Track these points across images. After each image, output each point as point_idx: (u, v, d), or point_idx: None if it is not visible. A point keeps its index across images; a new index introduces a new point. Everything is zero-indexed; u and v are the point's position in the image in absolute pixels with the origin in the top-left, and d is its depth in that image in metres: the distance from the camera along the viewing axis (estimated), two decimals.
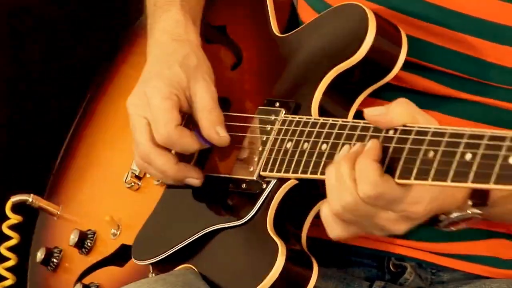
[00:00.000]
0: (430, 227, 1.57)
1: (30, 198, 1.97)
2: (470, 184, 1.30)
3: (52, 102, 2.47)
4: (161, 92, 1.72)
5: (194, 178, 1.72)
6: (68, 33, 2.68)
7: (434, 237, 1.70)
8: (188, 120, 1.76)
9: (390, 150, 1.44)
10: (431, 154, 1.38)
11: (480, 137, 1.33)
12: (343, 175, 1.42)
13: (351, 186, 1.41)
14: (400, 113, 1.43)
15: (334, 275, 1.75)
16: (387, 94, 1.66)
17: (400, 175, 1.39)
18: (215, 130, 1.69)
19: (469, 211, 1.50)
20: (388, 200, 1.39)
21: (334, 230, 1.46)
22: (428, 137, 1.42)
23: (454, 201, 1.50)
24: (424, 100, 1.65)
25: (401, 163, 1.40)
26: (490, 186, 1.26)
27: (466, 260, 1.75)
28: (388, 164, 1.42)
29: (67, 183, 2.10)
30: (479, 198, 1.52)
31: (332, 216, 1.45)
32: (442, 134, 1.41)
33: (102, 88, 2.11)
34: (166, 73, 1.75)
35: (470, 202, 1.49)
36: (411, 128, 1.42)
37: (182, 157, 1.75)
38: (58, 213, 2.00)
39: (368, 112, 1.48)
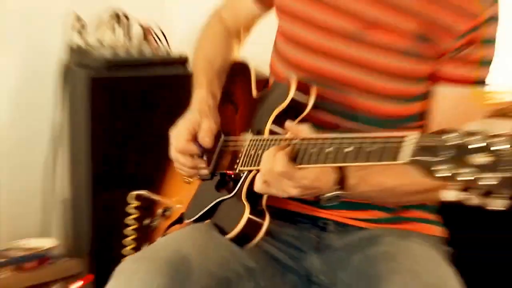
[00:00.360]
0: (339, 204, 2.04)
1: (143, 192, 2.51)
2: (333, 164, 1.84)
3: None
4: (183, 123, 2.23)
5: (203, 172, 2.24)
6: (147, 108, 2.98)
7: (340, 207, 2.13)
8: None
9: (294, 148, 1.92)
10: (314, 150, 1.86)
11: (334, 138, 1.82)
12: (270, 157, 1.90)
13: (272, 163, 1.88)
14: (302, 130, 1.96)
15: (290, 227, 2.24)
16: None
17: (298, 163, 1.88)
18: (204, 139, 2.19)
19: (333, 193, 1.95)
20: (291, 176, 1.89)
21: (258, 185, 1.97)
22: (312, 142, 1.88)
23: (328, 186, 1.95)
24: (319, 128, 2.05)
25: (299, 156, 1.89)
26: (351, 165, 1.81)
27: (356, 219, 2.21)
28: (294, 155, 1.91)
29: (164, 183, 2.57)
30: (340, 182, 1.95)
31: (259, 177, 1.95)
32: (320, 139, 1.87)
33: None
34: (189, 116, 2.24)
35: (336, 187, 1.95)
36: (311, 140, 1.90)
37: (201, 161, 2.26)
38: (159, 199, 2.49)
39: (288, 124, 2.02)
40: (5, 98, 3.10)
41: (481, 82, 2.13)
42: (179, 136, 2.21)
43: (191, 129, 2.20)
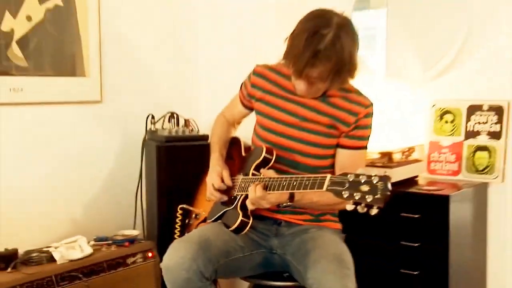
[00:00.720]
0: (291, 212, 2.08)
1: (185, 205, 2.43)
2: (286, 191, 1.85)
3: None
4: (214, 173, 2.16)
5: (223, 198, 2.15)
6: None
7: (288, 213, 2.12)
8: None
9: (267, 183, 1.92)
10: (276, 183, 1.88)
11: (295, 178, 1.83)
12: (252, 188, 1.90)
13: (254, 192, 1.90)
14: (270, 173, 1.97)
15: (262, 223, 2.16)
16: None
17: (268, 190, 1.89)
18: (228, 182, 2.14)
19: (286, 203, 1.95)
20: (263, 198, 1.90)
21: (249, 205, 1.96)
22: (275, 180, 1.90)
23: (284, 200, 1.93)
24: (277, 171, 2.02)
25: (268, 187, 1.90)
26: (296, 191, 1.85)
27: (297, 219, 2.15)
28: (265, 186, 1.91)
29: (195, 200, 2.45)
30: (290, 199, 1.93)
31: (248, 200, 1.95)
32: (279, 178, 1.90)
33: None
34: (215, 169, 2.17)
35: (287, 201, 1.94)
36: (273, 178, 1.92)
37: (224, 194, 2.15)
38: (193, 209, 2.40)
39: (262, 170, 2.01)
40: (119, 155, 3.15)
41: (362, 148, 2.13)
42: (215, 180, 2.15)
43: (219, 176, 2.16)
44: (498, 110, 2.79)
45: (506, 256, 2.83)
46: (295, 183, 1.81)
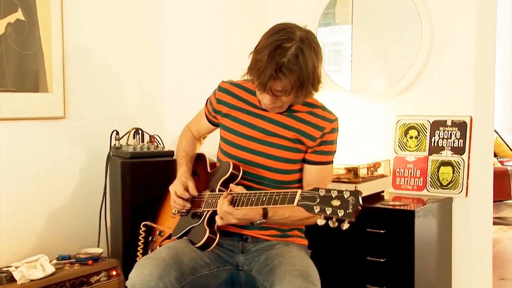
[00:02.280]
0: (257, 227, 2.03)
1: (148, 222, 2.43)
2: (259, 207, 1.85)
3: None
4: (179, 182, 2.15)
5: (187, 207, 2.14)
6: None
7: (254, 228, 2.09)
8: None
9: (234, 198, 1.91)
10: (244, 199, 1.87)
11: (264, 194, 1.84)
12: (220, 203, 1.90)
13: (221, 206, 1.90)
14: (239, 189, 1.96)
15: (228, 239, 2.14)
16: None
17: (235, 205, 1.89)
18: (193, 191, 2.14)
19: (260, 220, 1.93)
20: (230, 213, 1.89)
21: (218, 220, 1.95)
22: (243, 195, 1.89)
23: (257, 217, 1.93)
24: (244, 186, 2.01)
25: (236, 201, 1.89)
26: (266, 206, 1.85)
27: (263, 235, 2.14)
28: (233, 202, 1.90)
29: (160, 216, 2.45)
30: (264, 216, 1.93)
31: (218, 215, 1.94)
32: (246, 193, 1.89)
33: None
34: (180, 179, 2.16)
35: (261, 218, 1.93)
36: (242, 193, 1.91)
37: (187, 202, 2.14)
38: (157, 226, 2.39)
39: (231, 185, 1.98)
40: (82, 171, 3.09)
41: (329, 163, 2.14)
42: (178, 188, 2.15)
43: (183, 185, 2.16)
44: (461, 126, 2.87)
45: (470, 269, 2.89)
46: (264, 199, 1.82)
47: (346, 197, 1.59)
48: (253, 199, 1.86)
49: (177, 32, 3.53)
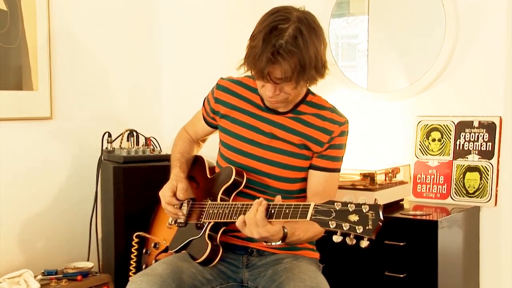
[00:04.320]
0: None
1: (141, 233, 2.41)
2: (286, 220, 1.77)
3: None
4: (167, 187, 2.13)
5: (180, 218, 2.14)
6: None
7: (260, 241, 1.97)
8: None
9: (245, 209, 1.88)
10: (283, 211, 1.79)
11: (273, 206, 1.81)
12: (254, 207, 1.82)
13: (255, 212, 1.81)
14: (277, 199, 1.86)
15: (231, 253, 2.13)
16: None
17: (269, 218, 1.81)
18: (179, 195, 2.10)
19: (279, 242, 1.88)
20: (262, 224, 1.82)
21: (239, 222, 1.86)
22: (271, 207, 1.82)
23: (276, 239, 1.87)
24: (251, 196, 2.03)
25: (269, 213, 1.82)
26: (286, 224, 1.82)
27: (269, 248, 2.11)
28: (267, 213, 1.82)
29: (154, 226, 2.44)
30: (283, 239, 1.87)
31: (241, 217, 1.86)
32: (286, 205, 1.79)
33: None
34: (170, 182, 2.14)
35: (280, 241, 1.88)
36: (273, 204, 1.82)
37: (179, 210, 2.14)
38: (151, 237, 2.37)
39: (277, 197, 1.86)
40: (71, 177, 3.10)
41: (336, 170, 2.12)
42: (166, 194, 2.13)
43: (172, 189, 2.13)
44: (489, 127, 2.84)
45: (500, 286, 2.86)
46: (273, 211, 1.79)
47: (365, 211, 1.57)
48: (286, 212, 1.82)
49: (176, 26, 3.53)
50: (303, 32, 1.84)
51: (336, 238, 1.62)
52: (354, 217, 1.58)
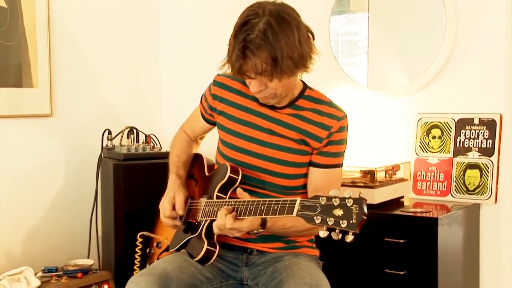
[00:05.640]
0: (262, 239, 2.04)
1: (145, 232, 2.43)
2: (257, 217, 1.80)
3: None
4: (166, 199, 2.12)
5: (178, 225, 2.11)
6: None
7: (259, 241, 2.09)
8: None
9: (236, 207, 1.87)
10: (248, 208, 1.83)
11: (263, 202, 1.80)
12: (222, 216, 1.84)
13: (223, 221, 1.83)
14: (245, 195, 1.90)
15: (230, 252, 2.12)
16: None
17: (239, 215, 1.84)
18: (178, 211, 2.09)
19: (258, 230, 1.89)
20: (235, 228, 1.84)
21: (215, 230, 1.90)
22: (244, 204, 1.85)
23: (255, 227, 1.88)
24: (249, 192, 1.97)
25: (247, 210, 1.83)
26: (264, 216, 1.80)
27: (269, 248, 2.13)
28: (236, 213, 1.85)
29: (157, 225, 2.44)
30: (262, 225, 1.88)
31: (215, 225, 1.89)
32: (251, 202, 1.83)
33: None
34: (168, 194, 2.13)
35: (259, 228, 1.89)
36: (254, 201, 1.83)
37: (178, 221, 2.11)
38: (155, 236, 2.40)
39: (238, 192, 1.92)
40: (71, 174, 3.10)
41: (337, 166, 2.11)
42: (165, 208, 2.12)
43: (171, 202, 2.12)
44: (490, 124, 2.81)
45: (500, 283, 2.84)
46: (263, 208, 1.79)
47: (349, 205, 1.56)
48: (251, 207, 1.83)
49: (176, 24, 3.53)
50: (273, 25, 1.81)
51: (322, 234, 1.60)
52: (338, 212, 1.57)
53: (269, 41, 1.80)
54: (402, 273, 2.52)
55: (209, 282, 2.06)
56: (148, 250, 2.39)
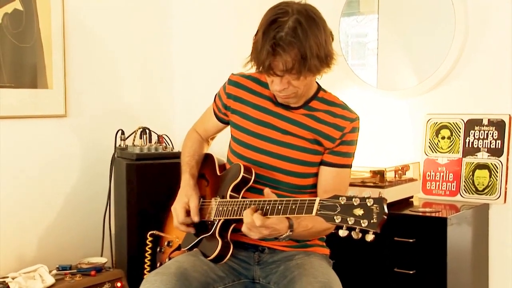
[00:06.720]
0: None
1: (155, 232, 2.39)
2: (281, 216, 1.79)
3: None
4: (179, 204, 2.13)
5: (191, 230, 2.12)
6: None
7: (271, 240, 2.01)
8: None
9: (264, 206, 1.84)
10: (265, 208, 1.82)
11: (280, 202, 1.79)
12: (249, 215, 1.82)
13: (251, 219, 1.81)
14: (272, 195, 1.88)
15: (243, 250, 2.12)
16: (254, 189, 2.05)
17: (265, 214, 1.82)
18: (194, 218, 2.09)
19: (287, 233, 1.87)
20: (264, 225, 1.81)
21: (244, 229, 1.86)
22: (278, 203, 1.80)
23: (285, 230, 1.86)
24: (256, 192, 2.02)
25: (265, 209, 1.83)
26: (291, 215, 1.78)
27: (281, 246, 2.11)
28: (264, 211, 1.83)
29: (167, 224, 2.39)
30: (291, 227, 1.86)
31: (244, 226, 1.86)
32: (267, 202, 1.83)
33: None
34: (182, 199, 2.13)
35: (288, 231, 1.87)
36: (271, 200, 1.83)
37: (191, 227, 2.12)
38: (165, 235, 2.36)
39: (265, 192, 1.89)
40: (84, 174, 3.13)
41: (347, 166, 2.12)
42: (178, 213, 2.13)
43: (184, 208, 2.13)
44: (499, 125, 2.81)
45: (509, 283, 2.83)
46: (280, 207, 1.78)
47: (369, 205, 1.57)
48: (268, 207, 1.82)
49: (188, 25, 3.54)
50: (302, 23, 1.84)
51: (342, 233, 1.61)
52: (359, 211, 1.57)
53: (299, 39, 1.83)
54: (411, 272, 2.52)
55: (221, 281, 2.06)
56: (158, 249, 2.38)
